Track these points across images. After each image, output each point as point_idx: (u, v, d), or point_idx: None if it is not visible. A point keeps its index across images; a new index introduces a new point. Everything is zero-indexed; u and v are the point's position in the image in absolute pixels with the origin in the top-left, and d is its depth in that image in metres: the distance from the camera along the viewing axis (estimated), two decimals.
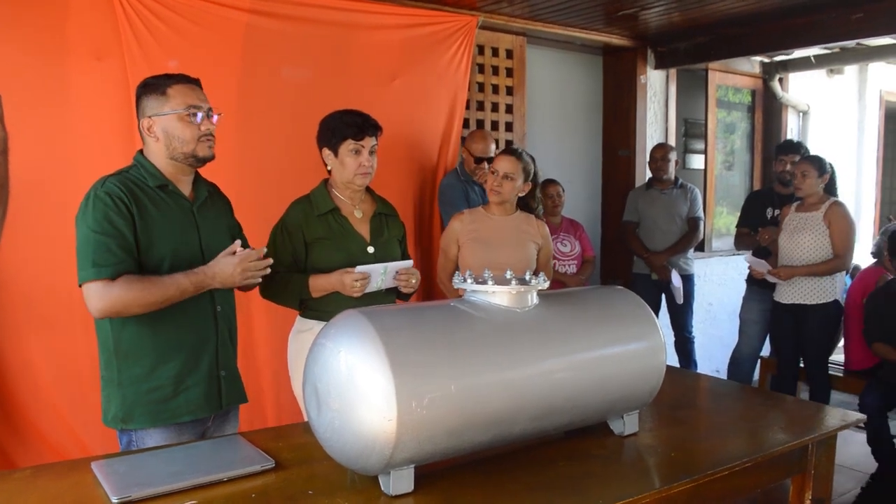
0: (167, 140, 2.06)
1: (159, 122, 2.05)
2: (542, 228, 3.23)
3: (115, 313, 1.96)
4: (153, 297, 1.95)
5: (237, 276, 2.04)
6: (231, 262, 2.03)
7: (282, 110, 3.52)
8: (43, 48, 2.98)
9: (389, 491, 1.51)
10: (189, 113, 2.05)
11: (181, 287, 1.99)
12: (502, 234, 3.11)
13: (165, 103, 2.05)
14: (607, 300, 1.95)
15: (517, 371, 1.60)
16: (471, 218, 3.17)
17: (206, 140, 2.09)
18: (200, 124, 2.07)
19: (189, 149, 2.07)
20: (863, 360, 4.31)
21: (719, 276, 6.02)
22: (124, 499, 1.46)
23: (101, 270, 1.91)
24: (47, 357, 3.06)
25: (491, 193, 3.12)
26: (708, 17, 4.60)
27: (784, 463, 1.96)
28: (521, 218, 3.20)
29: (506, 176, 3.07)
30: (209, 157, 2.12)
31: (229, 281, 2.05)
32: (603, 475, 1.68)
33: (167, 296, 1.97)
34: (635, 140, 5.38)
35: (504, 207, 3.15)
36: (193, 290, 2.01)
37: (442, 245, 3.23)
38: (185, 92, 2.07)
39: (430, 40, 4.00)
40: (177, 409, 2.07)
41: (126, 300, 1.92)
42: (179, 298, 1.99)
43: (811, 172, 3.96)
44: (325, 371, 1.51)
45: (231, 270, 2.03)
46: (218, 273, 2.03)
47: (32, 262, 2.98)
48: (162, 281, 1.97)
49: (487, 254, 3.04)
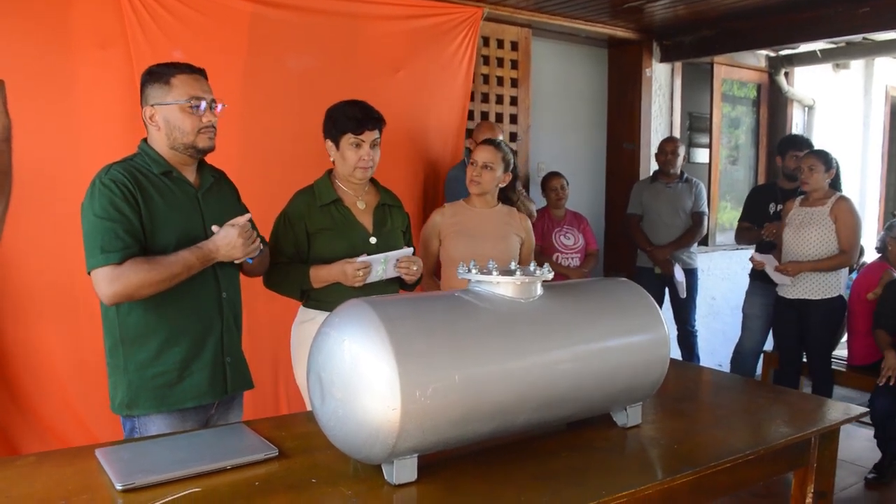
0: (168, 130, 2.06)
1: (161, 112, 2.05)
2: (524, 222, 3.22)
3: (125, 296, 1.95)
4: (160, 276, 1.94)
5: (240, 245, 2.04)
6: (233, 232, 2.03)
7: (286, 100, 3.52)
8: (47, 36, 2.98)
9: (393, 480, 1.51)
10: (191, 104, 2.05)
11: (187, 263, 1.98)
12: (485, 226, 3.10)
13: (168, 93, 2.05)
14: (611, 292, 1.95)
15: (521, 361, 1.60)
16: (452, 211, 3.15)
17: (206, 131, 2.09)
18: (202, 115, 2.07)
19: (189, 140, 2.07)
20: (866, 356, 4.30)
21: (722, 270, 6.01)
22: (128, 485, 1.46)
23: (109, 256, 1.91)
24: (52, 346, 3.07)
25: (471, 184, 3.10)
26: (714, 10, 4.58)
27: (786, 456, 1.96)
28: (504, 210, 3.19)
29: (485, 166, 3.06)
30: (209, 149, 2.12)
31: (234, 251, 2.04)
32: (606, 467, 1.68)
33: (173, 272, 1.96)
34: (640, 133, 5.37)
35: (485, 199, 3.14)
36: (199, 264, 2.01)
37: (422, 239, 3.18)
38: (189, 82, 2.06)
39: (435, 31, 3.99)
40: (182, 395, 2.08)
41: (134, 283, 1.92)
42: (186, 275, 1.99)
43: (818, 167, 3.95)
44: (329, 360, 1.51)
45: (232, 240, 2.03)
46: (221, 244, 2.03)
47: (36, 250, 2.99)
48: (167, 259, 1.97)
49: (471, 246, 3.01)
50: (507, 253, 3.06)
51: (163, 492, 1.46)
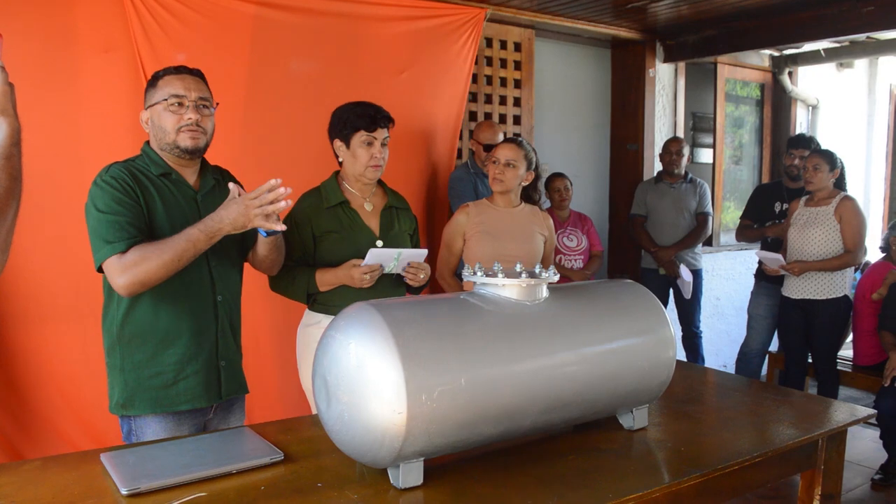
0: (154, 130, 2.09)
1: (150, 113, 2.09)
2: (547, 220, 3.21)
3: (138, 283, 1.92)
4: (167, 255, 1.91)
5: (245, 216, 1.93)
6: (237, 203, 1.95)
7: (289, 102, 3.51)
8: (51, 40, 2.98)
9: (399, 484, 1.51)
10: (171, 102, 2.04)
11: (192, 238, 1.93)
12: (510, 226, 3.09)
13: (154, 94, 2.08)
14: (617, 294, 1.94)
15: (527, 364, 1.60)
16: (476, 210, 3.12)
17: (187, 130, 2.05)
18: (183, 114, 2.04)
19: (171, 139, 2.05)
20: (871, 356, 4.30)
21: (727, 270, 6.00)
22: (133, 490, 1.46)
23: (115, 246, 1.91)
24: (54, 348, 3.07)
25: (494, 182, 3.08)
26: (717, 9, 4.57)
27: (794, 458, 1.95)
28: (528, 210, 3.18)
29: (507, 163, 3.04)
30: (193, 148, 2.07)
31: (241, 220, 1.93)
32: (612, 469, 1.67)
33: (180, 248, 1.92)
34: (643, 134, 5.36)
35: (508, 198, 3.12)
36: (205, 238, 1.94)
37: (445, 239, 3.16)
38: (172, 81, 2.06)
39: (439, 33, 3.99)
40: (176, 397, 2.08)
41: (143, 267, 1.90)
42: (193, 251, 1.94)
43: (823, 166, 3.94)
44: (334, 363, 1.50)
45: (238, 210, 1.93)
46: (226, 216, 1.94)
47: (39, 253, 2.99)
48: (171, 238, 1.94)
49: (496, 247, 3.00)
50: (533, 254, 3.05)
51: (168, 496, 1.46)
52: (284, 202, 1.95)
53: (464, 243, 3.11)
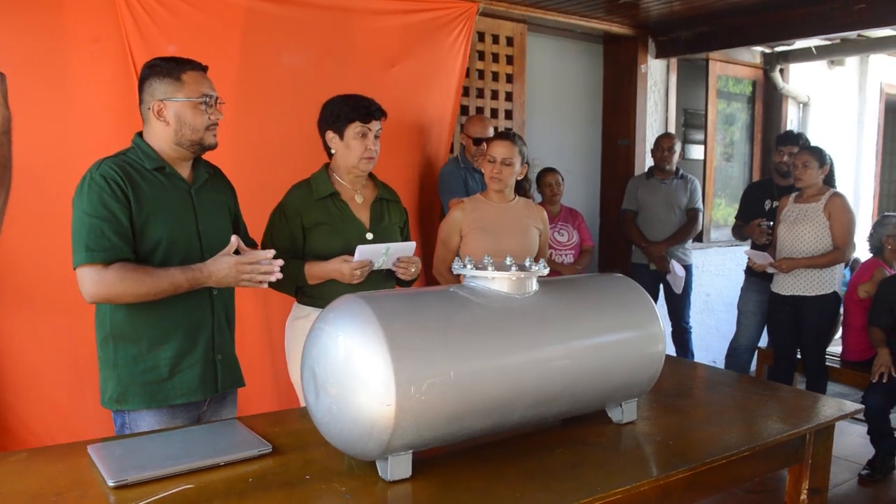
0: (178, 126, 2.06)
1: (171, 107, 2.05)
2: (541, 213, 3.22)
3: (106, 300, 1.97)
4: (145, 289, 1.94)
5: (232, 278, 2.00)
6: (228, 263, 2.00)
7: (281, 95, 3.50)
8: (40, 30, 2.95)
9: (387, 476, 1.51)
10: (202, 101, 2.06)
11: (175, 282, 1.97)
12: (506, 221, 3.09)
13: (180, 89, 2.05)
14: (607, 288, 1.94)
15: (516, 358, 1.60)
16: (472, 206, 3.12)
17: (213, 129, 2.11)
18: (210, 113, 2.09)
19: (198, 136, 2.08)
20: (860, 352, 4.33)
21: (717, 266, 6.02)
22: (121, 482, 1.45)
23: (94, 255, 1.91)
24: (44, 341, 3.05)
25: (491, 181, 3.08)
26: (709, 6, 4.58)
27: (781, 452, 1.96)
28: (522, 204, 3.18)
29: (504, 161, 3.04)
30: (213, 146, 2.14)
31: (224, 282, 2.01)
32: (601, 463, 1.67)
33: (160, 289, 1.96)
34: (635, 129, 5.36)
35: (503, 193, 3.12)
36: (188, 285, 1.99)
37: (442, 236, 3.16)
38: (199, 80, 2.09)
39: (431, 26, 3.97)
40: (171, 391, 2.07)
41: (119, 289, 1.93)
42: (173, 293, 1.98)
43: (812, 163, 3.95)
44: (323, 355, 1.50)
45: (227, 271, 2.00)
46: (214, 272, 2.00)
47: (29, 244, 2.96)
48: (157, 273, 1.96)
49: (492, 242, 2.99)
50: (528, 247, 3.06)
51: (155, 488, 1.45)
52: (274, 277, 2.05)
53: (461, 240, 3.11)
